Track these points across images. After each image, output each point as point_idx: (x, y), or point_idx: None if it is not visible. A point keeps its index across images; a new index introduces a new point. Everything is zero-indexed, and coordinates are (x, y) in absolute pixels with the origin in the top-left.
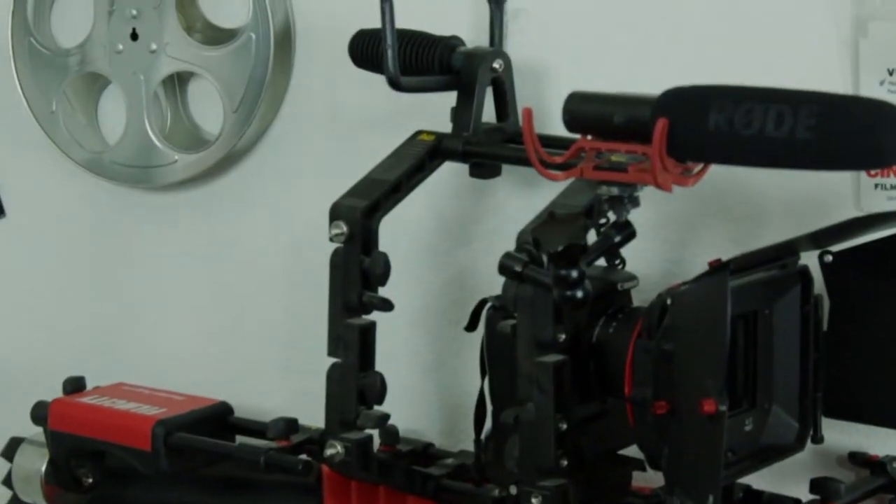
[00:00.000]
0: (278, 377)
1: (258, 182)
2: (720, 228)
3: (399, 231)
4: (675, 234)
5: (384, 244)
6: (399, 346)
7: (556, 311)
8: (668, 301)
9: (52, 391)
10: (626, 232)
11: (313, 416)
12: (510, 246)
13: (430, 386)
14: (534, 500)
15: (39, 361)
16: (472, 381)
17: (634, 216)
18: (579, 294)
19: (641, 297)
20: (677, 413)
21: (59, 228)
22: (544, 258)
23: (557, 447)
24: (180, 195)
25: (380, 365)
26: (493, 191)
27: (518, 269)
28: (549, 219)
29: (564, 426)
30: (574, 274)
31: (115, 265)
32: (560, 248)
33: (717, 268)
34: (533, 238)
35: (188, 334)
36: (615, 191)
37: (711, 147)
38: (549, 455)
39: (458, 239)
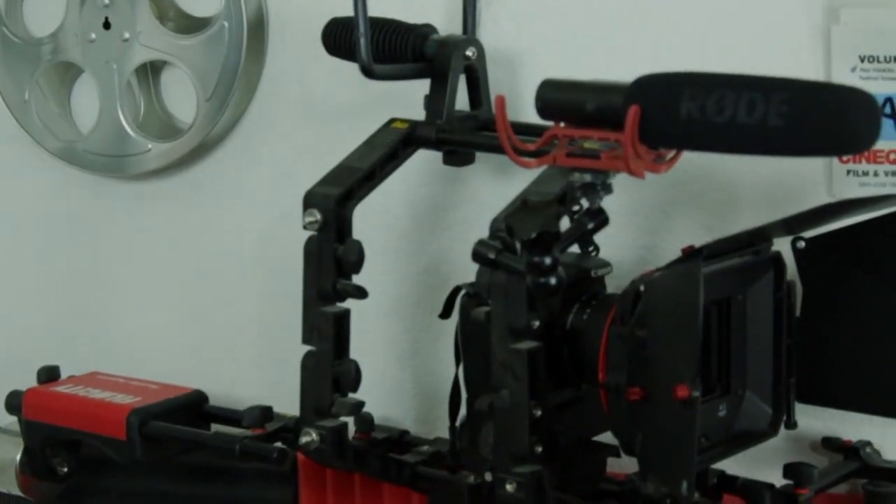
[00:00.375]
0: (253, 366)
1: (232, 171)
2: (693, 215)
3: (373, 219)
4: (648, 221)
5: (358, 233)
6: (374, 334)
7: (529, 297)
8: (642, 287)
9: (27, 381)
10: (600, 219)
11: (288, 404)
12: (484, 233)
13: (405, 374)
14: (508, 487)
15: (13, 351)
16: (447, 369)
17: (607, 203)
18: (553, 281)
19: (615, 284)
20: (651, 399)
21: (32, 218)
22: (517, 245)
23: (532, 434)
24: (154, 184)
25: (354, 353)
26: (467, 178)
27: (491, 256)
28: (522, 206)
29: (539, 413)
30: (547, 261)
31: (88, 254)
32: (533, 236)
33: (690, 254)
34: (506, 225)
35: (162, 323)
36: (588, 178)
37: (683, 134)
38: (523, 442)
39: (432, 227)
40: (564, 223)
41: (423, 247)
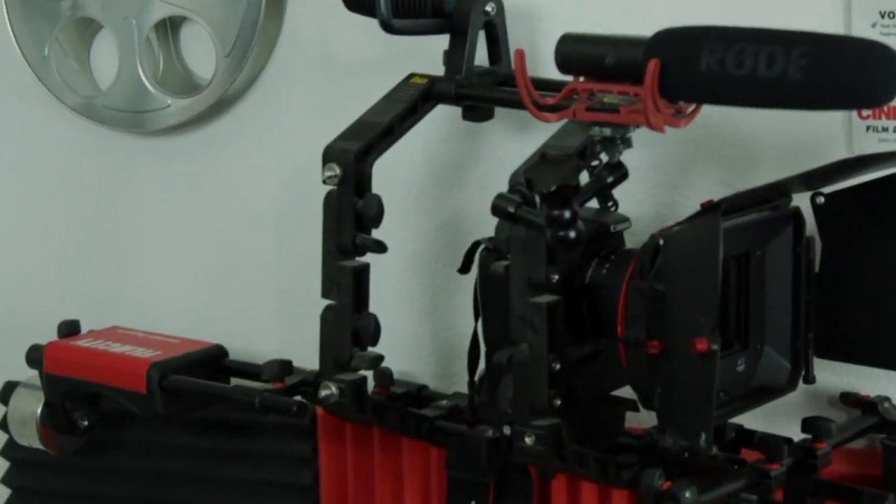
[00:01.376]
0: (272, 321)
1: (251, 126)
2: (711, 171)
3: (391, 176)
4: (667, 177)
5: (377, 189)
6: (393, 290)
7: (548, 251)
8: (661, 242)
9: (47, 335)
10: (619, 172)
11: (307, 359)
12: (503, 189)
13: (423, 329)
14: (527, 440)
15: (33, 306)
16: (465, 324)
17: (626, 159)
18: (572, 234)
19: (633, 240)
20: (670, 352)
21: (51, 173)
22: (537, 199)
23: (550, 387)
24: (173, 140)
25: (374, 309)
26: (486, 134)
27: (511, 209)
28: (541, 160)
29: (557, 366)
30: (567, 214)
31: (107, 210)
32: (552, 189)
33: (709, 208)
34: (525, 179)
35: (182, 278)
36: (607, 132)
37: (703, 88)
38: (542, 395)
39: (451, 183)
40: (583, 179)
41: (441, 203)
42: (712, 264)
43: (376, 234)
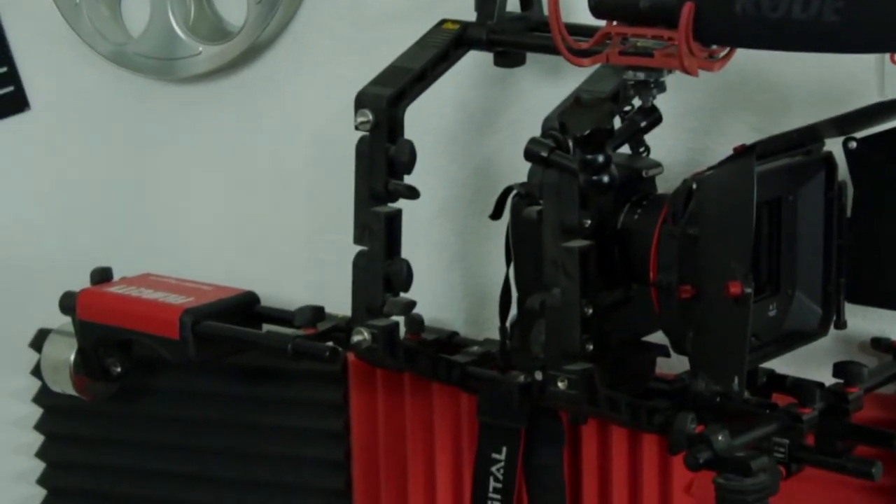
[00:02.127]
0: (303, 268)
1: (282, 73)
2: (743, 117)
3: (423, 122)
4: (698, 123)
5: (408, 135)
6: (424, 236)
7: (581, 196)
8: (694, 186)
9: (80, 283)
10: (653, 117)
11: (338, 306)
12: (534, 135)
13: (454, 276)
14: (560, 384)
15: (66, 253)
16: (496, 270)
17: (658, 105)
18: (605, 179)
19: (664, 186)
20: (703, 297)
21: (83, 121)
22: (570, 144)
23: (583, 332)
24: (204, 87)
25: (405, 256)
26: (517, 80)
27: (544, 154)
28: (575, 104)
29: (590, 311)
30: (600, 158)
31: (139, 157)
32: (586, 133)
33: (743, 151)
34: (559, 123)
35: (213, 226)
36: (641, 76)
37: (737, 31)
38: (574, 339)
39: (482, 129)
40: (616, 126)
41: (473, 149)
42: (747, 207)
43: (408, 180)
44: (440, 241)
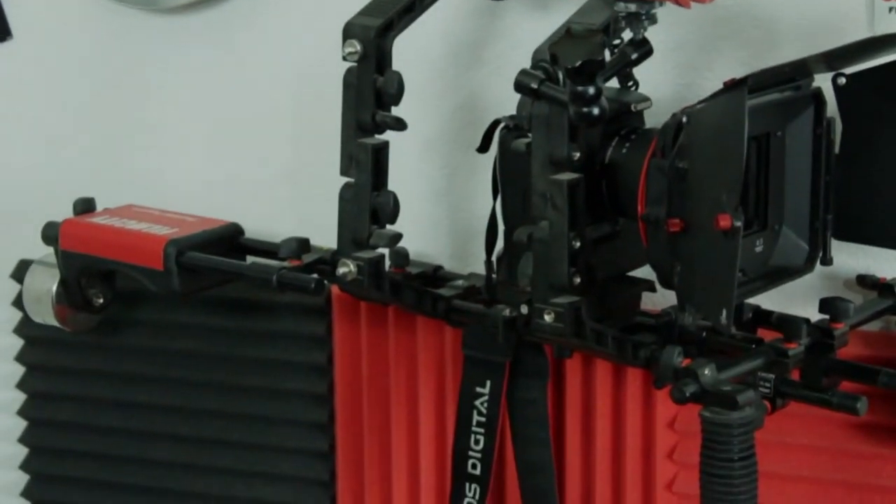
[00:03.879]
0: (288, 201)
1: (268, 4)
2: (733, 52)
3: (410, 56)
4: (687, 58)
5: (395, 68)
6: (410, 171)
7: (571, 128)
8: (684, 119)
9: (63, 213)
10: (643, 49)
11: (323, 239)
12: (524, 68)
13: (440, 210)
14: (546, 317)
15: (48, 184)
16: (482, 205)
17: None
18: (595, 111)
19: (653, 121)
20: (691, 230)
21: (66, 51)
22: (560, 76)
23: (570, 265)
24: (189, 18)
25: (391, 190)
26: (505, 14)
27: (534, 85)
28: (566, 35)
29: (578, 244)
30: (591, 90)
31: (123, 89)
32: (577, 64)
33: (735, 84)
34: (550, 54)
35: (197, 158)
36: (632, 7)
37: None
38: (562, 272)
39: (470, 63)
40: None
41: (460, 82)
42: (737, 140)
43: (395, 113)
44: (426, 176)
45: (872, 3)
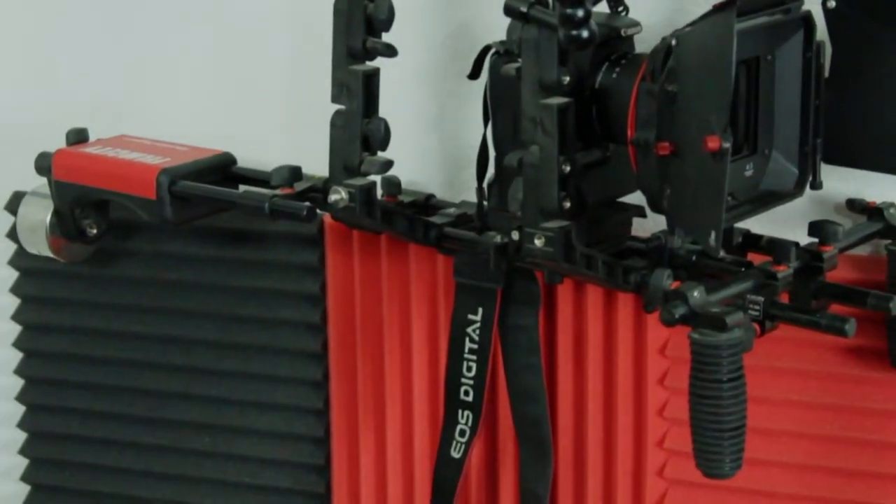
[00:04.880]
0: (281, 129)
1: None
2: None
3: None
4: None
5: None
6: (401, 99)
7: (560, 52)
8: (673, 42)
9: (55, 144)
10: None
11: (316, 168)
12: None
13: (431, 139)
14: (537, 241)
15: (41, 115)
16: (473, 135)
17: None
18: (584, 34)
19: (643, 47)
20: (680, 153)
21: None
22: (549, 0)
23: (561, 189)
24: None
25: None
26: None
27: (524, 9)
28: None
29: (568, 168)
30: (580, 13)
31: (113, 17)
32: None
33: (723, 5)
34: None
35: (189, 86)
36: None
37: None
38: (552, 197)
39: None
40: None
41: (451, 10)
42: (726, 61)
43: (387, 38)
44: (418, 104)
45: None
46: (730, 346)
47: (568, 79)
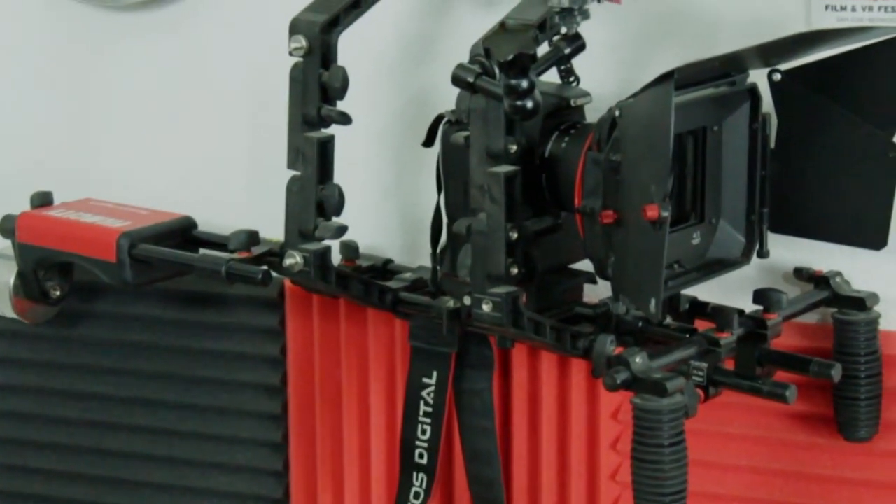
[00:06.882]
0: (242, 194)
1: (220, 1)
2: (672, 49)
3: (359, 51)
4: (629, 55)
5: (345, 64)
6: (360, 165)
7: (507, 121)
8: (617, 113)
9: (20, 206)
10: (577, 44)
11: (276, 232)
12: None
13: (390, 204)
14: (484, 307)
15: (6, 178)
16: (431, 199)
17: (589, 37)
18: (529, 104)
19: (595, 117)
20: (623, 221)
21: (22, 46)
22: (496, 70)
23: (508, 255)
24: (143, 15)
25: (342, 184)
26: (453, 9)
27: (470, 79)
28: (500, 29)
29: (515, 235)
30: (524, 83)
31: (78, 84)
32: (510, 58)
33: (662, 76)
34: (484, 48)
35: (152, 152)
36: (566, 3)
37: None
38: (499, 263)
39: (419, 58)
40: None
41: (409, 78)
42: (664, 132)
43: (345, 109)
44: (377, 170)
45: (809, 2)
46: (671, 412)
47: (515, 147)
